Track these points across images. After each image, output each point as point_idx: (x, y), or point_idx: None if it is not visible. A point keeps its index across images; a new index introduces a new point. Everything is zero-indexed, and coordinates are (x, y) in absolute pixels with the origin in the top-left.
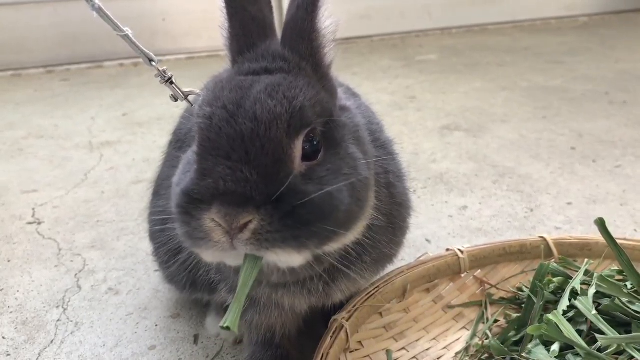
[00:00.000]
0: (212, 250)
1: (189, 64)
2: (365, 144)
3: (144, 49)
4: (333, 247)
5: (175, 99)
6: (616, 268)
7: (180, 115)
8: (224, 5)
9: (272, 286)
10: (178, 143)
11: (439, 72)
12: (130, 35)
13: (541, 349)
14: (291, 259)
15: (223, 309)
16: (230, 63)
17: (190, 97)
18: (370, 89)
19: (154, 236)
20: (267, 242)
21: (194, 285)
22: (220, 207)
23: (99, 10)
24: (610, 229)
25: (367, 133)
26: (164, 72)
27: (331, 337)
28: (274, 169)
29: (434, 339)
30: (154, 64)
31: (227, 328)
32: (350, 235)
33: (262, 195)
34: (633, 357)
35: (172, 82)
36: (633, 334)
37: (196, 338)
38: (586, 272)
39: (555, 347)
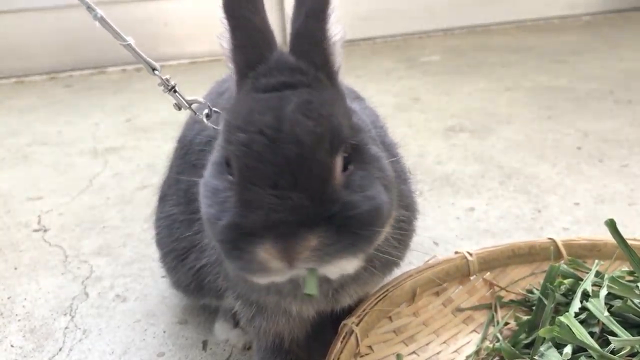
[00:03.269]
0: (268, 277)
1: (191, 69)
2: (378, 144)
3: (147, 58)
4: (376, 244)
5: (179, 107)
6: (626, 269)
7: (184, 122)
8: (224, 16)
9: (281, 293)
10: (182, 150)
11: (443, 73)
12: (133, 45)
13: (553, 352)
14: (350, 265)
15: (231, 315)
16: (236, 76)
17: (194, 106)
18: (374, 91)
19: (161, 242)
20: (327, 256)
21: (201, 291)
22: (275, 241)
23: (102, 20)
24: (619, 228)
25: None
26: (167, 80)
27: (341, 341)
28: (322, 189)
29: (444, 342)
30: (157, 72)
31: (310, 295)
32: (386, 229)
33: (314, 218)
34: None
35: (175, 91)
36: None
37: (205, 344)
38: (597, 274)
39: (568, 349)
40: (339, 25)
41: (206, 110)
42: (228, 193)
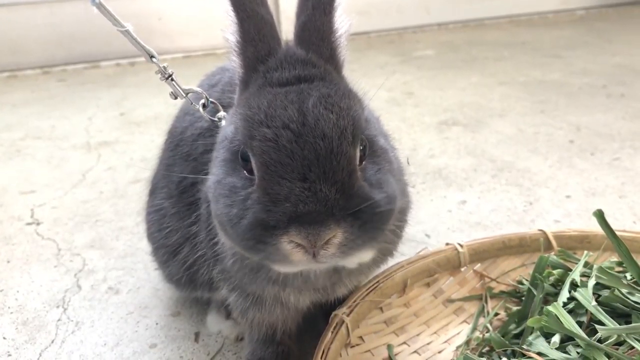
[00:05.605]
0: (291, 267)
1: (185, 63)
2: (384, 136)
3: (145, 45)
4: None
5: (175, 96)
6: (615, 260)
7: (174, 115)
8: (231, 9)
9: (284, 284)
10: (173, 142)
11: (437, 67)
12: (131, 31)
13: (542, 341)
14: (368, 256)
15: (223, 307)
16: (242, 70)
17: (190, 95)
18: (368, 85)
19: (152, 236)
20: (351, 251)
21: (193, 284)
22: (300, 229)
23: (100, 6)
24: (609, 221)
25: None
26: (165, 68)
27: (332, 332)
28: (349, 182)
29: (435, 333)
30: (154, 60)
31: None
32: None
33: (341, 210)
34: (633, 347)
35: (172, 79)
36: (633, 325)
37: (197, 336)
38: (585, 264)
39: (556, 338)
40: (346, 18)
41: (203, 100)
42: (248, 190)
